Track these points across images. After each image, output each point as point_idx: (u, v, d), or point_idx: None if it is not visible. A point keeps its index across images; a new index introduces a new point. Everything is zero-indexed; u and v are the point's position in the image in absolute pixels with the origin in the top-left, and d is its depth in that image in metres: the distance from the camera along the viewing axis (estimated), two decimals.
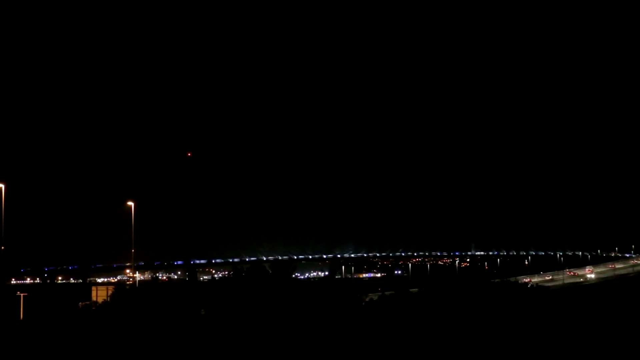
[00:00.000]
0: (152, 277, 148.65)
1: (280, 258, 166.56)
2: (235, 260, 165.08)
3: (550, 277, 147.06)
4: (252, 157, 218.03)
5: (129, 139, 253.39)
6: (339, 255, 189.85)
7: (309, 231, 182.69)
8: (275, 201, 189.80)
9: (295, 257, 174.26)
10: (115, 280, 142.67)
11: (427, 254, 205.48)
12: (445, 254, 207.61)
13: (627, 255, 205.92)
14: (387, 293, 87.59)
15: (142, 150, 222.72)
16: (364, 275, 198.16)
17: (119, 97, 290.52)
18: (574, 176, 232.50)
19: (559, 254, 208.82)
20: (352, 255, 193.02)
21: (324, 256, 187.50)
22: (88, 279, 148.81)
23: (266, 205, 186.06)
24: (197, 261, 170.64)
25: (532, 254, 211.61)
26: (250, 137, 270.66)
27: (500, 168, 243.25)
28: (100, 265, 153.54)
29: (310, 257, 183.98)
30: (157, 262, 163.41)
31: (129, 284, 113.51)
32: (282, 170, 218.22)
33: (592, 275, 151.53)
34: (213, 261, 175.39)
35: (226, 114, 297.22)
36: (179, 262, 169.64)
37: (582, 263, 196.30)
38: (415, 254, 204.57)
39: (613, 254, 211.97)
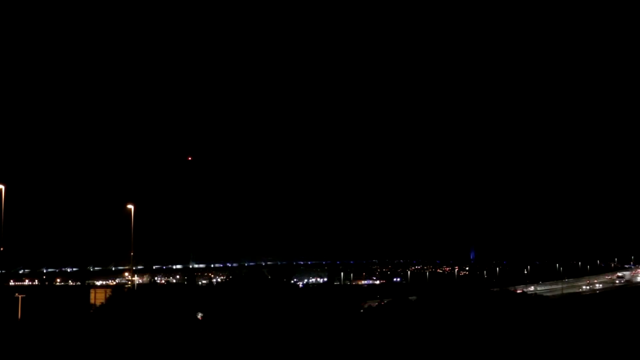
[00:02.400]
0: (150, 280, 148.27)
1: (279, 263, 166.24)
2: (234, 264, 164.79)
3: None
4: (253, 161, 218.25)
5: (129, 142, 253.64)
6: (338, 262, 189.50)
7: (309, 237, 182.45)
8: (275, 207, 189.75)
9: (295, 263, 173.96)
10: (114, 283, 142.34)
11: (426, 261, 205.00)
12: (444, 262, 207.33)
13: (627, 266, 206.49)
14: (385, 300, 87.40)
15: (142, 153, 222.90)
16: (363, 282, 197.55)
17: (119, 99, 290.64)
18: (575, 186, 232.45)
19: (558, 264, 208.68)
20: (351, 262, 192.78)
21: (323, 262, 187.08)
22: (87, 282, 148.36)
23: (266, 210, 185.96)
24: (196, 265, 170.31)
25: (531, 264, 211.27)
26: (250, 142, 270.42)
27: (501, 177, 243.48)
28: (99, 268, 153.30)
29: (309, 262, 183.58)
30: (156, 266, 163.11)
31: (128, 287, 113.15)
32: (283, 176, 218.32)
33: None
34: (212, 265, 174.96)
35: (226, 119, 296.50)
36: (178, 266, 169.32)
37: (581, 273, 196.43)
38: (414, 262, 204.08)
39: (612, 265, 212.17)
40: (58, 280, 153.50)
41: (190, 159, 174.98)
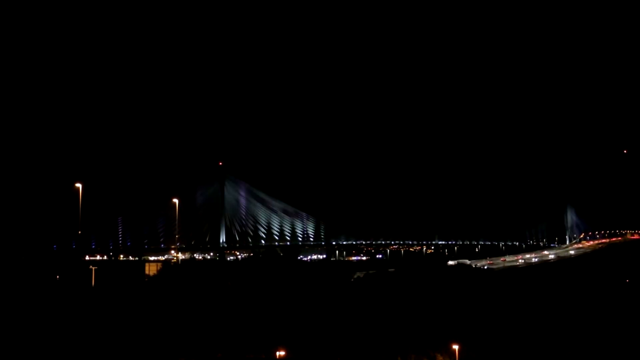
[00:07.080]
0: (190, 256, 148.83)
1: (288, 244, 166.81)
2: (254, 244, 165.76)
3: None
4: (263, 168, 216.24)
5: (176, 146, 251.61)
6: (333, 243, 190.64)
7: (311, 223, 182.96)
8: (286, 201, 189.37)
9: (300, 244, 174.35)
10: (163, 258, 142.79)
11: (401, 242, 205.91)
12: (415, 242, 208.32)
13: (552, 245, 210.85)
14: (370, 272, 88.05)
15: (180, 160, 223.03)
16: (353, 258, 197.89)
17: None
18: (513, 183, 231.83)
19: (501, 244, 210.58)
20: (344, 243, 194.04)
21: (322, 243, 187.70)
22: (142, 257, 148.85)
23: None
24: (225, 245, 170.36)
25: (481, 244, 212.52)
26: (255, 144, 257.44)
27: (460, 175, 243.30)
28: (153, 247, 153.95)
29: (312, 243, 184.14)
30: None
31: (174, 261, 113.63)
32: (293, 177, 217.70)
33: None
34: (236, 245, 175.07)
35: (253, 125, 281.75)
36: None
37: (518, 250, 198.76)
38: (392, 242, 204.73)
39: (542, 244, 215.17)
40: (121, 256, 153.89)
41: (220, 164, 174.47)
